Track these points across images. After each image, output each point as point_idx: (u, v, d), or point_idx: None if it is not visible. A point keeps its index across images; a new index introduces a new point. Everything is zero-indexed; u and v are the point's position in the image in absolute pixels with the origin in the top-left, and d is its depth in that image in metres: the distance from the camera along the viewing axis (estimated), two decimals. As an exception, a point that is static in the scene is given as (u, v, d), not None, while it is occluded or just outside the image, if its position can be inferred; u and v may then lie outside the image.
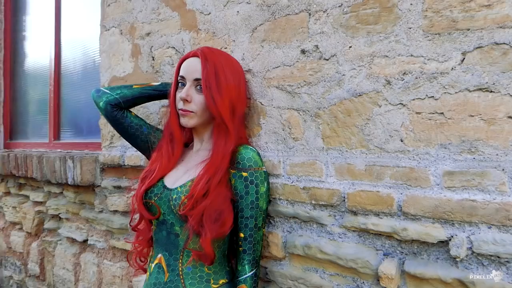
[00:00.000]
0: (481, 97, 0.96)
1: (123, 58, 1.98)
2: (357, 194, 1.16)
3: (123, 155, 1.98)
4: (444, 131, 1.01)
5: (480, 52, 0.96)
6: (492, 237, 0.95)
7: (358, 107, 1.16)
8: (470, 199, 0.97)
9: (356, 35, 1.16)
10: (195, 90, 1.29)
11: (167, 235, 1.29)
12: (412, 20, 1.06)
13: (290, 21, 1.32)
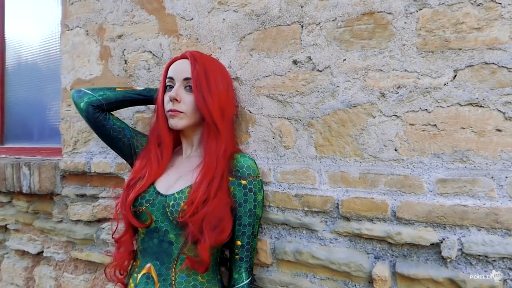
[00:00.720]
0: (471, 111, 1.05)
1: (89, 60, 1.88)
2: (351, 201, 1.21)
3: (89, 162, 1.88)
4: (437, 142, 1.10)
5: (471, 70, 1.05)
6: (482, 239, 1.04)
7: (352, 117, 1.22)
8: (461, 204, 1.06)
9: (350, 49, 1.22)
10: (185, 90, 1.27)
11: (159, 243, 1.25)
12: (406, 37, 1.13)
13: (282, 32, 1.34)
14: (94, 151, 1.89)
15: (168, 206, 1.22)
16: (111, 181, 1.85)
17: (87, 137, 1.91)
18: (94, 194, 1.90)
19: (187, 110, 1.26)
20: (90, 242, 1.95)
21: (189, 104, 1.26)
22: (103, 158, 1.84)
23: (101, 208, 1.86)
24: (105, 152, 1.85)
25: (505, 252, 1.01)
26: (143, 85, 1.71)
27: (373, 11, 1.18)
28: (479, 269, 1.07)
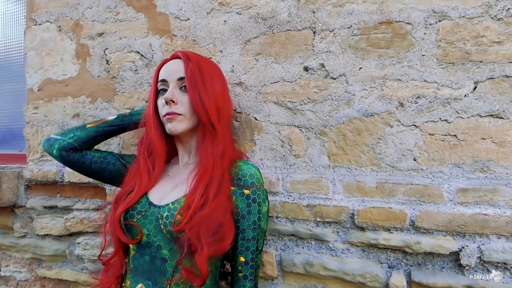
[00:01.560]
0: (491, 122, 1.08)
1: (62, 59, 1.72)
2: (368, 211, 1.20)
3: (61, 170, 1.71)
4: (458, 152, 1.11)
5: (491, 83, 1.08)
6: (502, 246, 1.07)
7: (369, 126, 1.21)
8: (482, 213, 1.08)
9: (367, 57, 1.21)
10: (180, 91, 1.17)
11: (150, 260, 1.12)
12: (425, 48, 1.14)
13: (292, 37, 1.30)
14: (68, 159, 1.72)
15: (161, 217, 1.11)
16: (88, 192, 1.70)
17: (58, 143, 1.74)
18: (67, 205, 1.73)
19: (185, 111, 1.16)
20: (60, 259, 1.77)
21: (186, 104, 1.16)
22: (80, 167, 1.68)
23: (76, 221, 1.69)
24: (82, 159, 1.69)
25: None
26: (129, 87, 1.58)
27: (391, 20, 1.18)
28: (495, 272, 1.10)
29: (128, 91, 1.59)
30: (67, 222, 1.72)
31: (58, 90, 1.73)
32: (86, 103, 1.67)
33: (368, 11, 1.20)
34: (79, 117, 1.69)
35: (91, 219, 1.66)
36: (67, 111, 1.71)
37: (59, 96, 1.73)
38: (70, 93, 1.71)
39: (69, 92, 1.71)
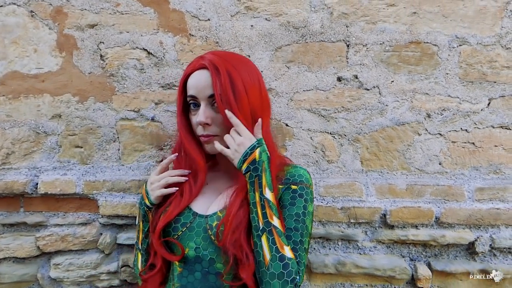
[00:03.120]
0: (502, 133, 1.32)
1: (37, 50, 1.47)
2: (399, 210, 1.33)
3: (33, 180, 1.46)
4: (476, 157, 1.32)
5: (502, 100, 1.31)
6: (509, 234, 1.31)
7: (400, 134, 1.34)
8: (495, 207, 1.30)
9: (398, 72, 1.35)
10: (212, 109, 1.07)
11: (203, 277, 1.04)
12: (449, 67, 1.33)
13: (326, 48, 1.37)
14: (43, 167, 1.47)
15: (210, 228, 1.04)
16: (69, 204, 1.48)
17: (29, 149, 1.48)
18: (39, 221, 1.48)
19: (221, 132, 1.08)
20: (25, 285, 1.51)
21: (220, 124, 1.07)
22: (62, 175, 1.46)
23: (55, 239, 1.46)
24: (65, 167, 1.47)
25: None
26: (133, 87, 1.44)
27: (419, 41, 1.34)
28: (501, 259, 1.34)
29: (132, 91, 1.44)
30: (39, 240, 1.47)
31: (30, 85, 1.47)
32: (72, 103, 1.46)
33: (399, 30, 1.34)
34: (60, 119, 1.47)
35: (77, 235, 1.46)
36: (43, 111, 1.47)
37: (30, 93, 1.47)
38: (47, 90, 1.47)
39: (46, 89, 1.47)
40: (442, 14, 1.32)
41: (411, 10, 1.33)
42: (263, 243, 0.96)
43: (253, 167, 1.02)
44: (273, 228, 0.97)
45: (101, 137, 1.46)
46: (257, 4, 1.39)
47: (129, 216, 1.44)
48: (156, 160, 1.45)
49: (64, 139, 1.47)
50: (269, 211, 0.99)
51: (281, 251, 0.95)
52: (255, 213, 1.00)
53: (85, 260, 1.47)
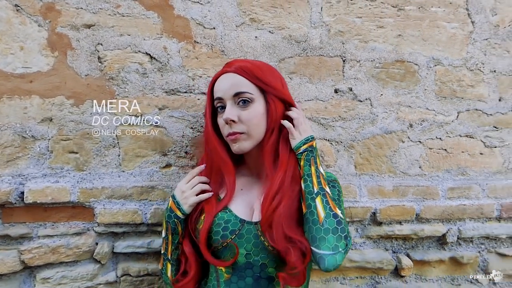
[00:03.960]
0: (467, 141, 1.56)
1: (24, 48, 1.36)
2: (387, 209, 1.50)
3: (18, 189, 1.35)
4: (447, 161, 1.55)
5: (467, 113, 1.56)
6: (472, 226, 1.56)
7: (388, 141, 1.52)
8: (462, 204, 1.54)
9: (386, 86, 1.52)
10: (238, 107, 1.12)
11: (254, 282, 1.07)
12: (427, 84, 1.54)
13: (325, 62, 1.49)
14: (30, 174, 1.37)
15: (262, 234, 1.07)
16: (60, 213, 1.40)
17: (13, 154, 1.36)
18: (24, 233, 1.37)
19: (248, 129, 1.12)
20: (7, 302, 1.38)
21: (247, 121, 1.11)
22: (54, 183, 1.37)
23: (45, 251, 1.37)
24: (57, 174, 1.38)
25: (484, 233, 1.56)
26: (135, 91, 1.41)
27: (403, 60, 1.52)
28: (464, 247, 1.58)
29: (134, 95, 1.41)
30: (25, 254, 1.36)
31: (14, 86, 1.36)
32: (66, 106, 1.38)
33: (387, 50, 1.52)
34: (52, 123, 1.38)
35: (71, 245, 1.38)
36: (31, 114, 1.36)
37: (15, 94, 1.36)
38: (36, 91, 1.37)
39: (34, 90, 1.37)
40: (422, 37, 1.53)
41: (397, 32, 1.52)
42: (318, 204, 1.02)
43: (310, 150, 1.12)
44: (326, 193, 1.05)
45: (99, 143, 1.40)
46: (261, 17, 1.46)
47: (130, 224, 1.40)
48: (160, 166, 1.43)
49: (56, 144, 1.38)
50: (323, 181, 1.08)
51: (334, 210, 1.02)
52: (310, 181, 1.07)
53: (80, 271, 1.40)
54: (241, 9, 1.46)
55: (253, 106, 1.12)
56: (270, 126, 1.14)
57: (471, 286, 1.58)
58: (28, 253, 1.37)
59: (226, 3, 1.45)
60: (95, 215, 1.40)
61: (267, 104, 1.14)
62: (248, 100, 1.11)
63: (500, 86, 1.57)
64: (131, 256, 1.45)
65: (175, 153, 1.44)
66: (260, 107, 1.13)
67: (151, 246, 1.42)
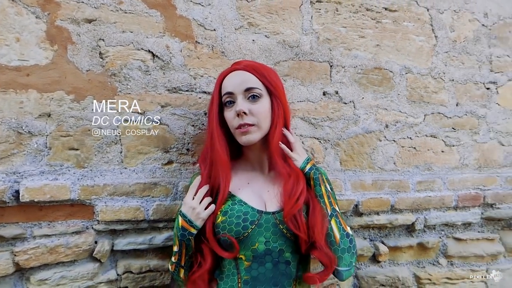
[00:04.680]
0: (432, 140, 1.78)
1: (20, 39, 1.31)
2: (367, 201, 1.67)
3: (13, 187, 1.30)
4: (416, 158, 1.75)
5: (432, 116, 1.78)
6: (435, 215, 1.78)
7: (368, 140, 1.68)
8: (428, 195, 1.76)
9: (366, 91, 1.68)
10: (248, 101, 1.20)
11: (274, 266, 1.15)
12: (400, 90, 1.73)
13: (315, 67, 1.61)
14: (27, 171, 1.32)
15: (281, 223, 1.16)
16: (58, 212, 1.36)
17: (7, 151, 1.30)
18: (18, 234, 1.31)
19: (258, 121, 1.19)
20: (-2, 308, 1.31)
21: (258, 114, 1.19)
22: (53, 180, 1.33)
23: (42, 251, 1.32)
24: (56, 171, 1.34)
25: (444, 220, 1.79)
26: (137, 88, 1.42)
27: (380, 67, 1.70)
28: (428, 233, 1.80)
29: (136, 92, 1.41)
30: (19, 255, 1.31)
31: (10, 79, 1.30)
32: (66, 101, 1.35)
33: (367, 58, 1.68)
34: (50, 118, 1.34)
35: (71, 245, 1.35)
36: (28, 109, 1.31)
37: (10, 87, 1.30)
38: (34, 85, 1.32)
39: (32, 84, 1.32)
40: (396, 48, 1.72)
41: (375, 42, 1.69)
42: (333, 226, 1.18)
43: (315, 168, 1.25)
44: (338, 213, 1.20)
45: (101, 139, 1.38)
46: (258, 22, 1.55)
47: (131, 221, 1.41)
48: (162, 162, 1.45)
49: (55, 141, 1.34)
50: (332, 200, 1.22)
51: (346, 229, 1.18)
52: (323, 202, 1.20)
53: (80, 271, 1.37)
54: (239, 13, 1.53)
55: (261, 101, 1.21)
56: (274, 121, 1.23)
57: (433, 268, 1.79)
58: (23, 254, 1.31)
59: (226, 7, 1.52)
60: (95, 212, 1.38)
61: (272, 103, 1.23)
62: (257, 95, 1.20)
63: (457, 93, 1.81)
64: (130, 253, 1.45)
65: (177, 150, 1.46)
66: (267, 103, 1.22)
67: (153, 242, 1.43)
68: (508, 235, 1.93)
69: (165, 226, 1.45)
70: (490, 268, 1.86)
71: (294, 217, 1.14)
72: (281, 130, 1.25)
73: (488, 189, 1.85)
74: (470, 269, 1.83)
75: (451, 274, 1.80)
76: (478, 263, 1.85)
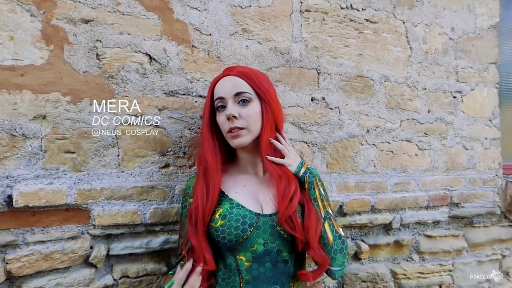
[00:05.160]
0: (407, 144, 1.91)
1: (14, 38, 1.27)
2: (351, 202, 1.76)
3: (5, 192, 1.25)
4: (394, 161, 1.87)
5: (407, 122, 1.91)
6: (410, 214, 1.91)
7: (351, 144, 1.77)
8: (404, 196, 1.88)
9: (350, 97, 1.78)
10: (238, 105, 1.24)
11: (273, 266, 1.20)
12: (380, 97, 1.84)
13: (304, 73, 1.68)
14: (20, 175, 1.27)
15: (278, 224, 1.20)
16: (52, 217, 1.32)
17: (0, 154, 1.24)
18: (10, 241, 1.26)
19: (247, 124, 1.23)
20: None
21: (247, 117, 1.23)
22: (48, 185, 1.29)
23: (36, 259, 1.28)
24: (52, 175, 1.31)
25: (417, 219, 1.93)
26: (135, 91, 1.41)
27: (362, 75, 1.80)
28: (403, 231, 1.93)
29: (134, 95, 1.41)
30: (11, 263, 1.26)
31: (3, 79, 1.25)
32: (62, 103, 1.31)
33: (351, 66, 1.78)
34: (45, 120, 1.30)
35: (67, 250, 1.32)
36: (22, 110, 1.27)
37: (3, 88, 1.25)
38: (28, 85, 1.28)
39: (26, 85, 1.27)
40: (376, 57, 1.83)
41: (358, 51, 1.79)
42: (326, 228, 1.23)
43: (309, 171, 1.29)
44: (331, 216, 1.26)
45: (97, 142, 1.36)
46: (252, 28, 1.59)
47: (128, 225, 1.39)
48: (159, 166, 1.44)
49: (51, 144, 1.30)
50: (326, 203, 1.27)
51: (338, 231, 1.25)
52: (317, 206, 1.25)
53: (76, 277, 1.33)
54: (234, 19, 1.56)
55: (251, 104, 1.24)
56: (264, 124, 1.27)
57: (407, 263, 1.92)
58: (16, 262, 1.26)
59: (221, 12, 1.54)
60: (91, 217, 1.35)
61: (261, 107, 1.27)
62: (247, 99, 1.24)
63: (429, 101, 1.96)
64: (124, 258, 1.43)
65: (174, 153, 1.47)
66: (257, 107, 1.26)
67: (150, 246, 1.43)
68: (470, 232, 2.11)
69: (162, 229, 1.45)
70: (455, 262, 2.03)
71: (289, 218, 1.19)
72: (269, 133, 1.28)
73: (455, 189, 2.02)
74: (439, 264, 1.98)
75: (423, 269, 1.94)
76: (445, 258, 2.01)
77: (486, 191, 2.11)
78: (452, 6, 2.04)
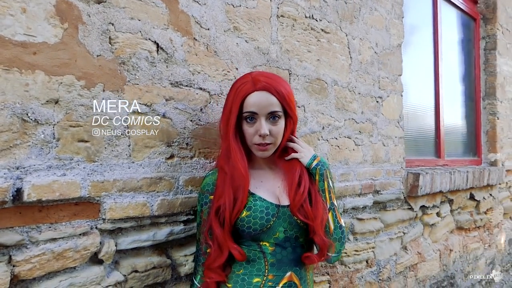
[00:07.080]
0: (348, 140, 2.22)
1: (27, 10, 1.13)
2: (312, 191, 1.97)
3: (16, 185, 1.12)
4: (340, 155, 2.16)
5: (349, 121, 2.21)
6: (349, 201, 2.22)
7: (312, 139, 1.99)
8: (346, 185, 2.18)
9: (311, 97, 1.99)
10: (269, 122, 1.34)
11: (293, 250, 1.34)
12: (331, 98, 2.10)
13: (280, 73, 1.83)
14: (32, 166, 1.13)
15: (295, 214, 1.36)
16: (60, 212, 1.21)
17: (10, 141, 1.10)
18: (18, 241, 1.12)
19: (275, 140, 1.36)
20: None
21: (276, 134, 1.35)
22: (61, 176, 1.18)
23: (48, 258, 1.16)
24: (65, 166, 1.20)
25: (354, 205, 2.25)
26: (145, 79, 1.37)
27: (320, 78, 2.04)
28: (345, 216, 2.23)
29: (144, 83, 1.36)
30: (20, 266, 1.13)
31: (14, 55, 1.10)
32: (76, 87, 1.21)
33: (312, 69, 2.00)
34: (58, 105, 1.18)
35: (79, 247, 1.22)
36: (34, 93, 1.13)
37: (14, 65, 1.10)
38: (41, 65, 1.15)
39: (39, 64, 1.14)
40: (329, 63, 2.09)
41: (317, 57, 2.02)
42: (330, 218, 1.41)
43: (321, 164, 1.44)
44: (335, 207, 1.44)
45: (110, 131, 1.28)
46: (241, 27, 1.68)
47: (137, 217, 1.35)
48: (166, 156, 1.42)
49: (64, 131, 1.19)
50: (332, 195, 1.45)
51: (340, 222, 1.43)
52: (324, 197, 1.42)
53: (88, 276, 1.24)
54: (228, 16, 1.63)
55: (280, 121, 1.37)
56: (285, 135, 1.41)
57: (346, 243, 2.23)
58: (25, 263, 1.12)
59: (217, 8, 1.59)
60: (100, 211, 1.27)
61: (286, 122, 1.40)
62: (277, 117, 1.36)
63: (362, 104, 2.31)
64: (128, 253, 1.37)
65: (178, 144, 1.46)
66: (283, 123, 1.39)
67: (156, 238, 1.40)
68: (384, 215, 2.54)
69: (166, 221, 1.44)
70: (376, 240, 2.42)
71: (302, 207, 1.35)
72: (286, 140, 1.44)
73: (377, 179, 2.42)
74: (366, 242, 2.35)
75: (357, 247, 2.28)
76: (370, 237, 2.38)
77: (396, 180, 2.57)
78: (376, 25, 2.44)
